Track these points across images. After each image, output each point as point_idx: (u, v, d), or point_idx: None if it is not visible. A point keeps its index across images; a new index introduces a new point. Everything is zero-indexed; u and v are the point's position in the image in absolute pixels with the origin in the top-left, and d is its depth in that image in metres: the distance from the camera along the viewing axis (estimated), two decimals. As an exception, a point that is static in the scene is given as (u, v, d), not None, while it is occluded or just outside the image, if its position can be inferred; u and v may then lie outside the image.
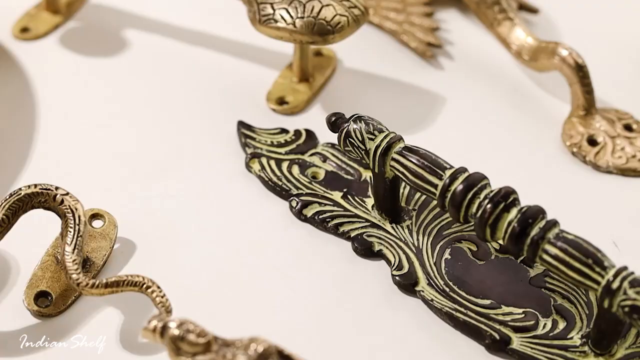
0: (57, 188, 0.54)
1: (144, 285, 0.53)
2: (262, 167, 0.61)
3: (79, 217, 0.54)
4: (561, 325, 0.54)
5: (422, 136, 0.64)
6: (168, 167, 0.62)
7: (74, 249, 0.53)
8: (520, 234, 0.52)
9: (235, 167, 0.62)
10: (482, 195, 0.53)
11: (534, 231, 0.52)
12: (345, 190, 0.60)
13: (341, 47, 0.68)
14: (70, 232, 0.54)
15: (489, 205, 0.53)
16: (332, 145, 0.62)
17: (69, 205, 0.54)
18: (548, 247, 0.51)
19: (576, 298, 0.55)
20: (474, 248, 0.57)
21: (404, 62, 0.68)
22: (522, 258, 0.56)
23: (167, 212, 0.59)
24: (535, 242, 0.52)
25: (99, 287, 0.53)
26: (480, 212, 0.53)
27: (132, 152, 0.62)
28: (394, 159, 0.55)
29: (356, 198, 0.59)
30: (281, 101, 0.65)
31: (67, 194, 0.54)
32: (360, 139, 0.56)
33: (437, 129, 0.65)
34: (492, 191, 0.53)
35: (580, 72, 0.63)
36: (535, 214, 0.52)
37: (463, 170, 0.54)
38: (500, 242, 0.54)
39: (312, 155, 0.62)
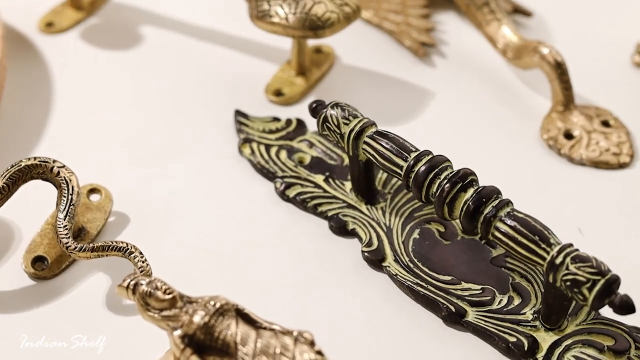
0: (54, 161, 0.59)
1: (127, 251, 0.58)
2: (252, 152, 0.65)
3: (73, 187, 0.59)
4: (516, 301, 0.57)
5: (410, 128, 0.68)
6: (168, 150, 0.66)
7: (65, 216, 0.58)
8: (474, 212, 0.55)
9: (229, 151, 0.66)
10: (442, 176, 0.57)
11: (487, 209, 0.55)
12: (327, 174, 0.64)
13: (340, 45, 0.73)
14: (63, 201, 0.59)
15: (447, 185, 0.56)
16: (320, 133, 0.66)
17: (64, 177, 0.59)
18: (499, 224, 0.55)
19: (533, 277, 0.58)
20: (442, 229, 0.61)
21: (399, 60, 0.72)
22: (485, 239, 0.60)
23: (162, 190, 0.64)
24: (487, 219, 0.55)
25: (85, 251, 0.58)
26: (439, 191, 0.56)
27: (136, 136, 0.67)
28: (365, 142, 0.59)
29: (337, 181, 0.63)
30: (278, 93, 0.69)
31: (64, 166, 0.59)
32: (336, 123, 0.60)
33: (425, 122, 0.69)
34: (451, 172, 0.57)
35: (559, 70, 0.66)
36: (489, 193, 0.56)
37: (427, 153, 0.58)
38: (458, 220, 0.57)
39: (300, 141, 0.66)
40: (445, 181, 0.56)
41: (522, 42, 0.69)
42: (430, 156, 0.58)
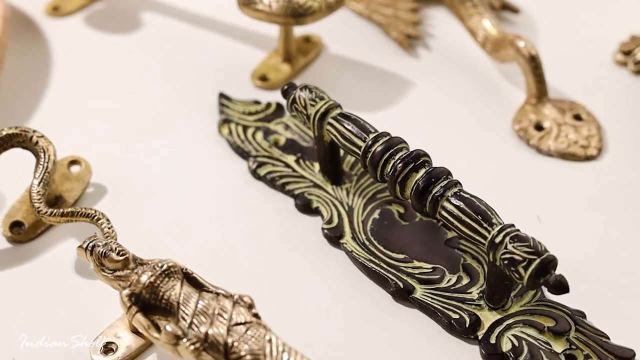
0: (34, 131, 0.63)
1: (95, 217, 0.61)
2: (230, 132, 0.68)
3: (49, 156, 0.62)
4: (465, 281, 0.59)
5: (387, 116, 0.70)
6: (152, 128, 0.69)
7: (40, 182, 0.61)
8: (423, 191, 0.57)
9: (210, 132, 0.69)
10: (396, 157, 0.59)
11: (436, 189, 0.57)
12: (299, 155, 0.66)
13: (329, 35, 0.75)
14: (40, 168, 0.62)
15: (400, 165, 0.58)
16: (290, 115, 0.68)
17: (43, 146, 0.62)
18: (446, 204, 0.57)
19: (484, 259, 0.60)
20: (402, 210, 0.63)
21: (385, 51, 0.74)
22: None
23: (142, 166, 0.67)
24: (435, 199, 0.57)
25: (55, 215, 0.61)
26: (392, 170, 0.58)
27: (123, 114, 0.70)
28: (329, 123, 0.61)
29: (307, 162, 0.66)
30: (263, 78, 0.72)
31: (42, 136, 0.63)
32: (303, 105, 0.62)
33: (403, 110, 0.71)
34: (405, 153, 0.59)
35: (533, 63, 0.68)
36: (439, 174, 0.57)
37: (385, 134, 0.60)
38: (409, 200, 0.59)
39: (277, 124, 0.68)
40: (399, 161, 0.58)
41: (500, 35, 0.70)
42: (387, 137, 0.60)
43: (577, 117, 0.68)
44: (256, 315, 0.53)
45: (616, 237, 0.62)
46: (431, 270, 0.60)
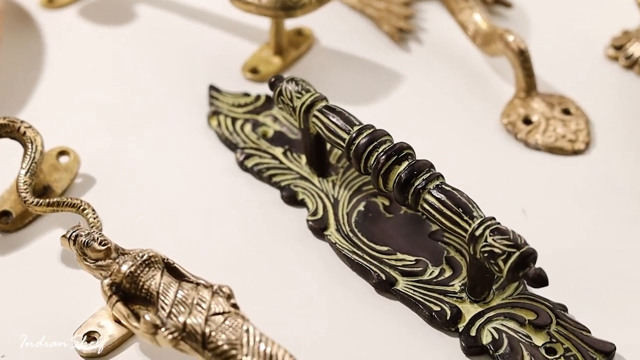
0: (22, 122, 0.63)
1: (81, 207, 0.61)
2: (219, 124, 0.68)
3: (37, 147, 0.62)
4: (447, 273, 0.59)
5: (377, 109, 0.70)
6: (142, 119, 0.70)
7: (27, 172, 0.62)
8: (405, 183, 0.57)
9: (199, 123, 0.69)
10: (380, 149, 0.59)
11: (418, 182, 0.57)
12: (287, 147, 0.66)
13: (321, 28, 0.75)
14: (27, 158, 0.62)
15: (383, 157, 0.58)
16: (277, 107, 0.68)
17: (30, 137, 0.63)
18: (427, 196, 0.57)
19: (467, 252, 0.60)
20: (387, 203, 0.63)
21: (377, 44, 0.74)
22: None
23: (131, 157, 0.67)
24: (417, 191, 0.57)
25: (41, 205, 0.61)
26: (375, 163, 0.58)
27: (113, 106, 0.71)
28: (315, 116, 0.62)
29: (294, 154, 0.66)
30: (254, 70, 0.72)
31: (30, 127, 0.63)
32: (289, 97, 0.63)
33: (392, 104, 0.71)
34: (389, 145, 0.59)
35: (522, 57, 0.68)
36: (421, 167, 0.58)
37: (369, 127, 0.60)
38: (392, 192, 0.59)
39: (266, 116, 0.69)
40: (382, 154, 0.58)
41: (490, 29, 0.70)
42: (371, 130, 0.60)
43: (566, 112, 0.68)
44: (234, 306, 0.53)
45: (601, 232, 0.62)
46: (414, 262, 0.60)
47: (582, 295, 0.59)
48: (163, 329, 0.52)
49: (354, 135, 0.60)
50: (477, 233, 0.55)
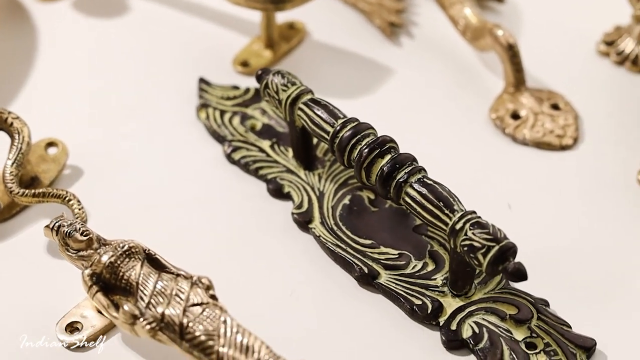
0: (9, 112, 0.63)
1: (66, 198, 0.61)
2: (207, 116, 0.68)
3: (23, 137, 0.63)
4: (430, 267, 0.59)
5: (369, 103, 0.70)
6: (131, 111, 0.70)
7: (13, 163, 0.62)
8: (387, 177, 0.57)
9: (188, 116, 0.69)
10: (363, 142, 0.59)
11: (400, 175, 0.57)
12: (274, 140, 0.67)
13: (313, 22, 0.75)
14: (14, 149, 0.62)
15: (366, 150, 0.58)
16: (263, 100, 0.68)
17: (17, 127, 0.63)
18: (409, 189, 0.57)
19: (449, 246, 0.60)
20: (372, 197, 0.63)
21: (368, 39, 0.74)
22: (411, 208, 0.61)
23: (120, 149, 0.68)
24: (399, 185, 0.57)
25: (27, 196, 0.61)
26: (358, 156, 0.59)
27: (105, 98, 0.71)
28: (300, 109, 0.62)
29: (281, 147, 0.66)
30: (245, 63, 0.72)
31: (17, 118, 0.63)
32: (275, 90, 0.63)
33: (382, 98, 0.71)
34: (372, 139, 0.59)
35: (511, 52, 0.68)
36: (403, 160, 0.58)
37: (354, 120, 0.60)
38: (375, 185, 0.59)
39: (255, 109, 0.69)
40: (365, 147, 0.58)
41: (480, 24, 0.70)
42: (355, 123, 0.60)
43: (555, 107, 0.68)
44: (213, 297, 0.53)
45: (586, 228, 0.62)
46: (397, 256, 0.60)
47: (565, 291, 0.59)
48: (141, 319, 0.52)
49: (338, 128, 0.60)
50: (458, 227, 0.55)
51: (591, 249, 0.61)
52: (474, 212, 0.55)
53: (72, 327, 0.57)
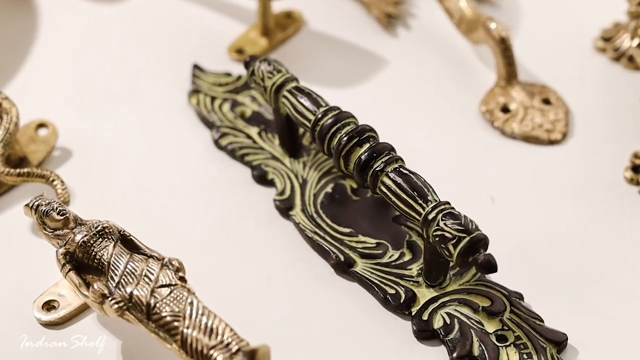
0: (-1, 93, 0.64)
1: (50, 178, 0.62)
2: (198, 102, 0.69)
3: (11, 118, 0.63)
4: (407, 257, 0.59)
5: (359, 93, 0.70)
6: (125, 97, 0.70)
7: (0, 143, 0.63)
8: (364, 165, 0.57)
9: (180, 101, 0.70)
10: (343, 131, 0.59)
11: (377, 164, 0.57)
12: (262, 127, 0.67)
13: (311, 12, 0.75)
14: (1, 129, 0.63)
15: (345, 139, 0.58)
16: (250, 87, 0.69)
17: (6, 107, 0.64)
18: (385, 179, 0.57)
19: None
20: (355, 186, 0.63)
21: (365, 29, 0.74)
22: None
23: (110, 132, 0.68)
24: (375, 173, 0.57)
25: (12, 175, 0.62)
26: (337, 144, 0.59)
27: (99, 82, 0.71)
28: (284, 96, 0.62)
29: (269, 135, 0.66)
30: (240, 51, 0.73)
31: (6, 98, 0.64)
32: (261, 77, 0.63)
33: (375, 89, 0.71)
34: (352, 128, 0.59)
35: (503, 45, 0.68)
36: (381, 149, 0.58)
37: (335, 109, 0.60)
38: (353, 174, 0.59)
39: (245, 96, 0.69)
40: (344, 135, 0.59)
41: (474, 16, 0.70)
42: (337, 111, 0.60)
43: (546, 101, 0.68)
44: (182, 279, 0.53)
45: (568, 223, 0.62)
46: (375, 245, 0.60)
47: (543, 286, 0.59)
48: (110, 299, 0.53)
49: (319, 116, 0.60)
50: (430, 217, 0.55)
51: (573, 245, 0.61)
52: (448, 203, 0.55)
53: (49, 305, 0.58)
